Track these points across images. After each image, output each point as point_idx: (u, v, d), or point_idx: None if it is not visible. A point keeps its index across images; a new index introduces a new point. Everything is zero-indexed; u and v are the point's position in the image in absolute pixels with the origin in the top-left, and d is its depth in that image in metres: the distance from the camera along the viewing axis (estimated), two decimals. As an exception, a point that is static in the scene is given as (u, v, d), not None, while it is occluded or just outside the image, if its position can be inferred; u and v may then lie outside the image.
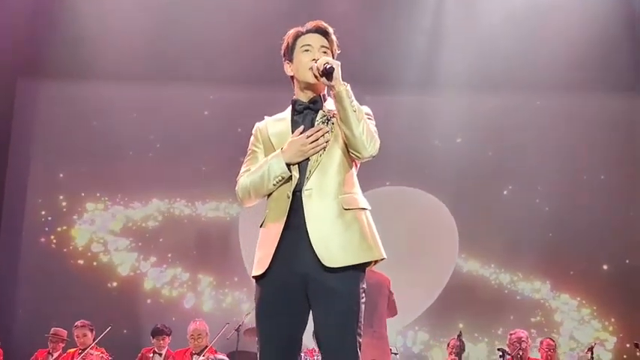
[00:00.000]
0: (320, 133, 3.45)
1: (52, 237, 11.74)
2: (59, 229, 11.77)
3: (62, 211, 11.79)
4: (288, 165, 3.45)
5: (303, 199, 3.41)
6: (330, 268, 3.33)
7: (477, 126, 11.40)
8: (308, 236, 3.36)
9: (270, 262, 3.40)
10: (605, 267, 11.21)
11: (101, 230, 11.78)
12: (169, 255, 11.67)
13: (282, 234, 3.40)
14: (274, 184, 3.48)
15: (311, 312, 3.46)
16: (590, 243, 11.10)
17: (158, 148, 11.67)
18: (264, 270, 3.42)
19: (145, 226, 11.79)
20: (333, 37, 3.66)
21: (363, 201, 3.51)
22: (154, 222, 11.79)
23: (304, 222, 3.38)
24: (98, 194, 11.80)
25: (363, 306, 3.41)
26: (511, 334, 9.30)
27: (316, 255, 3.34)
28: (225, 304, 11.50)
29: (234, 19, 10.90)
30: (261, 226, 3.57)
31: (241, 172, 3.68)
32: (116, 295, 11.43)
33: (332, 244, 3.35)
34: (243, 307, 11.04)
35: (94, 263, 11.67)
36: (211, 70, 11.04)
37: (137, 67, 11.18)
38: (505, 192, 11.51)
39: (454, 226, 11.55)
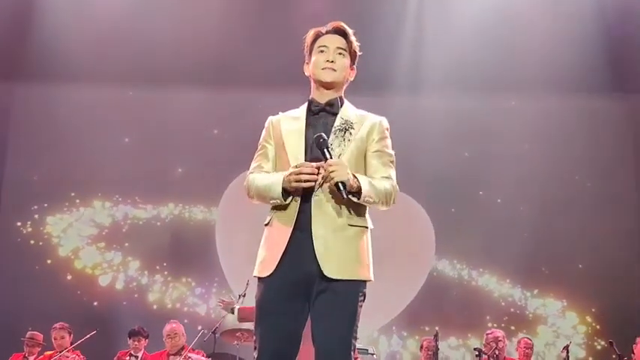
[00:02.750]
0: (304, 177, 3.39)
1: (27, 240, 11.65)
2: (34, 231, 11.70)
3: (37, 214, 11.72)
4: (286, 191, 3.44)
5: (312, 203, 3.44)
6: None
7: (454, 127, 11.44)
8: (312, 239, 3.40)
9: (278, 265, 3.43)
10: (580, 265, 11.27)
11: (77, 232, 11.73)
12: (145, 257, 11.63)
13: (290, 235, 3.43)
14: (272, 203, 3.52)
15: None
16: (566, 242, 11.18)
17: (133, 150, 11.61)
18: (270, 272, 3.44)
19: (121, 228, 11.74)
20: (353, 39, 3.67)
21: (367, 220, 3.56)
22: (131, 224, 11.75)
23: (311, 226, 3.41)
24: (73, 195, 11.74)
25: (360, 310, 3.46)
26: (487, 334, 9.35)
27: (317, 260, 3.38)
28: (202, 306, 11.48)
29: (208, 20, 10.89)
30: (266, 225, 3.58)
31: (252, 166, 3.69)
32: (92, 297, 11.37)
33: (334, 256, 3.39)
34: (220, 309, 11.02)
35: (70, 266, 11.61)
36: (187, 71, 11.02)
37: (111, 69, 11.15)
38: (481, 192, 11.56)
39: (431, 227, 11.60)
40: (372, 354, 8.96)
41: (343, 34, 3.65)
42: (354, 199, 3.41)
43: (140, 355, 9.34)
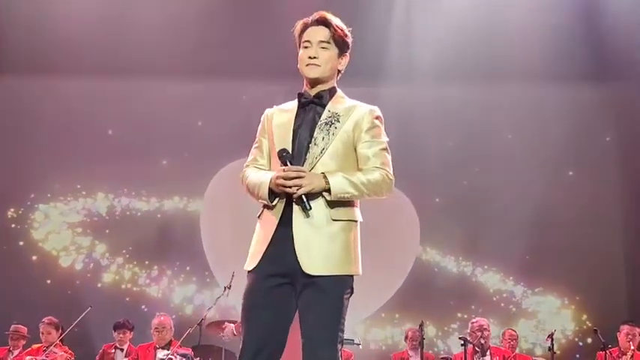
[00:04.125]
0: (287, 182, 3.38)
1: (8, 234, 11.58)
2: (15, 225, 11.63)
3: (19, 207, 11.65)
4: (273, 192, 3.45)
5: (293, 200, 3.43)
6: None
7: (437, 117, 11.44)
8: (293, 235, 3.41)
9: (262, 258, 3.44)
10: (564, 254, 11.28)
11: (58, 226, 11.67)
12: (129, 250, 11.58)
13: (275, 230, 3.44)
14: (260, 202, 3.53)
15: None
16: (550, 230, 11.21)
17: (117, 143, 11.55)
18: (254, 265, 3.46)
19: (103, 222, 11.69)
20: (338, 27, 3.62)
21: (354, 213, 3.54)
22: (113, 217, 11.70)
23: (293, 218, 3.42)
24: (57, 188, 11.68)
25: (347, 303, 3.46)
26: (472, 323, 9.36)
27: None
28: (186, 300, 11.46)
29: (192, 10, 10.86)
30: (258, 217, 3.59)
31: (249, 159, 3.71)
32: (76, 291, 11.30)
33: (314, 252, 3.38)
34: (206, 301, 11.02)
35: (52, 260, 11.55)
36: (170, 63, 10.96)
37: (93, 61, 11.08)
38: (465, 182, 11.57)
39: (415, 217, 11.62)
40: (358, 344, 8.98)
41: (326, 24, 3.61)
42: (328, 197, 3.40)
43: (125, 347, 9.33)
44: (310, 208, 3.37)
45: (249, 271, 3.51)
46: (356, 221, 3.54)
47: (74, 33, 10.95)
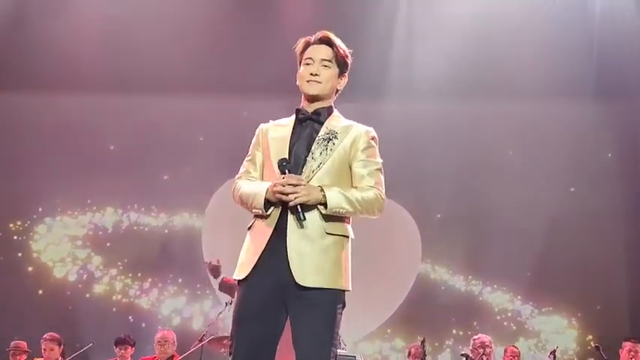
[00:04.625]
0: (287, 189, 3.40)
1: (9, 250, 11.60)
2: (17, 237, 11.66)
3: (19, 223, 11.65)
4: (269, 201, 3.47)
5: (289, 210, 3.45)
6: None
7: (438, 133, 11.45)
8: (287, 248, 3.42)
9: (253, 268, 3.45)
10: (565, 270, 11.24)
11: (59, 239, 11.70)
12: (124, 263, 11.62)
13: (268, 240, 3.46)
14: (254, 212, 3.54)
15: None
16: (552, 247, 11.18)
17: (118, 157, 11.57)
18: (244, 275, 3.47)
19: (106, 235, 11.71)
20: (340, 47, 3.68)
21: (347, 229, 3.58)
22: (114, 232, 11.72)
23: (287, 229, 3.45)
24: (57, 203, 11.72)
25: (340, 318, 3.48)
26: (474, 339, 9.33)
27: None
28: (187, 315, 11.46)
29: (193, 27, 10.88)
30: (249, 229, 3.61)
31: (240, 171, 3.74)
32: (65, 301, 11.32)
33: (307, 263, 3.40)
34: (206, 317, 11.03)
35: (47, 270, 11.58)
36: (172, 79, 10.98)
37: (94, 76, 11.10)
38: (467, 198, 11.55)
39: (416, 232, 11.61)
40: (359, 361, 8.94)
41: (329, 43, 3.67)
42: (323, 211, 3.44)
43: (127, 363, 9.33)
44: (304, 219, 3.40)
45: (239, 282, 3.52)
46: (348, 237, 3.57)
47: (75, 49, 10.98)
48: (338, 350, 7.70)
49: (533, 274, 11.29)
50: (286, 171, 3.45)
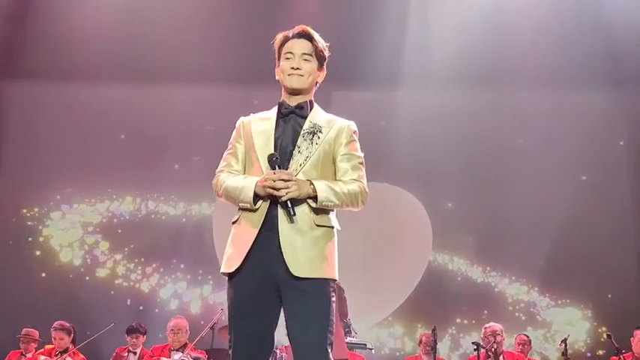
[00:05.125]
0: (278, 184, 3.44)
1: (23, 237, 11.66)
2: (30, 229, 11.70)
3: (33, 211, 11.72)
4: (257, 195, 3.50)
5: (279, 205, 3.49)
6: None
7: (449, 121, 11.44)
8: (279, 238, 3.46)
9: (243, 262, 3.48)
10: (576, 260, 11.22)
11: (72, 230, 11.75)
12: (143, 253, 11.66)
13: (257, 234, 3.48)
14: (242, 206, 3.57)
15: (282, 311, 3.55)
16: (563, 234, 11.16)
17: (129, 147, 11.61)
18: (233, 269, 3.50)
19: (117, 225, 11.75)
20: (318, 42, 3.73)
21: (334, 220, 3.63)
22: (127, 220, 11.76)
23: (278, 225, 3.48)
24: (70, 193, 11.74)
25: (334, 306, 3.51)
26: (485, 328, 9.33)
27: (284, 258, 3.44)
28: (199, 302, 11.51)
29: (204, 19, 10.88)
30: (234, 223, 3.62)
31: (221, 165, 3.75)
32: (89, 294, 11.35)
33: (301, 255, 3.45)
34: (218, 304, 11.05)
35: (53, 254, 11.64)
36: (182, 69, 10.99)
37: (107, 66, 11.15)
38: (478, 187, 11.53)
39: (427, 221, 11.60)
40: (370, 349, 8.95)
41: (309, 38, 3.72)
42: (313, 205, 3.49)
43: (139, 351, 9.36)
44: (295, 214, 3.45)
45: (230, 276, 3.55)
46: (334, 228, 3.62)
47: (88, 40, 11.00)
48: (349, 338, 7.76)
49: (544, 262, 11.28)
50: (276, 166, 3.49)
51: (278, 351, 7.54)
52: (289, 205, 3.44)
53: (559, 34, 11.01)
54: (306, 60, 3.69)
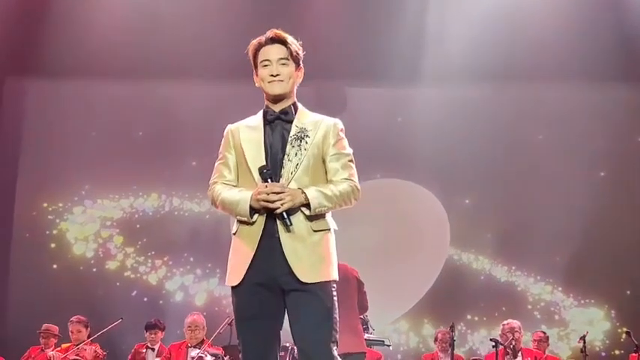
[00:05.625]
0: (271, 197, 3.50)
1: (43, 234, 11.74)
2: (49, 225, 11.77)
3: (52, 208, 11.78)
4: (253, 208, 3.56)
5: (275, 215, 3.55)
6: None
7: (467, 118, 11.40)
8: (281, 246, 3.54)
9: (247, 271, 3.57)
10: (595, 256, 11.17)
11: (90, 224, 11.81)
12: (155, 247, 11.72)
13: (258, 243, 3.57)
14: (239, 219, 3.64)
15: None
16: (580, 231, 11.09)
17: (147, 144, 11.65)
18: (238, 282, 3.59)
19: (135, 222, 11.80)
20: (292, 44, 3.75)
21: (330, 222, 3.69)
22: (149, 216, 11.81)
23: (278, 234, 3.56)
24: (88, 189, 11.80)
25: (336, 305, 3.61)
26: (504, 325, 9.32)
27: (289, 265, 3.53)
28: (205, 295, 11.60)
29: (221, 15, 10.88)
30: (234, 234, 3.70)
31: (213, 176, 3.81)
32: (108, 291, 11.42)
33: (304, 261, 3.54)
34: (223, 297, 11.31)
35: (67, 247, 11.72)
36: (201, 65, 10.99)
37: (125, 63, 11.16)
38: (495, 183, 11.49)
39: (445, 217, 11.58)
40: (388, 345, 8.96)
41: (282, 42, 3.74)
42: (307, 212, 3.55)
43: (157, 347, 9.40)
44: (291, 224, 3.52)
45: (233, 287, 3.64)
46: (331, 229, 3.68)
47: (106, 37, 11.02)
48: (366, 334, 7.76)
49: (564, 260, 11.23)
50: (268, 179, 3.55)
51: (289, 345, 7.56)
52: (285, 217, 3.51)
53: (579, 28, 10.92)
54: (283, 64, 3.71)
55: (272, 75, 3.68)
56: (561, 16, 10.94)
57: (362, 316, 7.53)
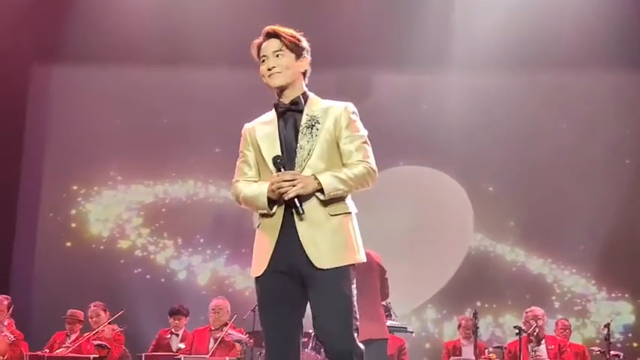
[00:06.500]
0: (284, 184, 3.53)
1: (68, 220, 11.87)
2: (75, 211, 11.89)
3: (78, 194, 11.89)
4: (272, 200, 3.61)
5: (286, 201, 3.59)
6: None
7: (490, 104, 11.36)
8: (299, 237, 3.58)
9: (269, 261, 3.62)
10: (619, 244, 11.10)
11: (116, 213, 11.92)
12: (184, 237, 11.79)
13: (278, 234, 3.62)
14: (261, 212, 3.70)
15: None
16: (603, 220, 11.04)
17: (172, 130, 11.71)
18: (261, 272, 3.64)
19: (159, 209, 11.88)
20: (286, 35, 3.78)
21: (348, 205, 3.70)
22: (169, 204, 11.88)
23: (295, 224, 3.60)
24: (113, 176, 11.90)
25: (355, 292, 3.63)
26: (527, 312, 9.30)
27: (307, 253, 3.57)
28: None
29: (249, 2, 10.89)
30: (257, 227, 3.76)
31: (236, 175, 3.88)
32: (132, 277, 11.52)
33: (321, 247, 3.57)
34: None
35: (110, 246, 11.80)
36: (224, 52, 10.99)
37: (150, 49, 11.21)
38: (519, 171, 11.45)
39: (468, 205, 11.56)
40: (411, 332, 8.98)
41: (275, 35, 3.78)
42: (322, 197, 3.57)
43: (181, 332, 9.48)
44: (303, 212, 3.55)
45: (257, 276, 3.68)
46: (351, 212, 3.69)
47: (132, 24, 11.09)
48: (389, 321, 7.77)
49: (586, 247, 11.19)
50: (281, 167, 3.59)
51: (312, 331, 7.57)
52: (297, 204, 3.54)
53: (604, 15, 10.85)
54: (278, 56, 3.74)
55: (268, 69, 3.73)
56: (587, 4, 10.87)
57: (384, 303, 7.54)
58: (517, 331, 8.84)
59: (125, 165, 11.84)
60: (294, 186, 3.51)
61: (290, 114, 3.74)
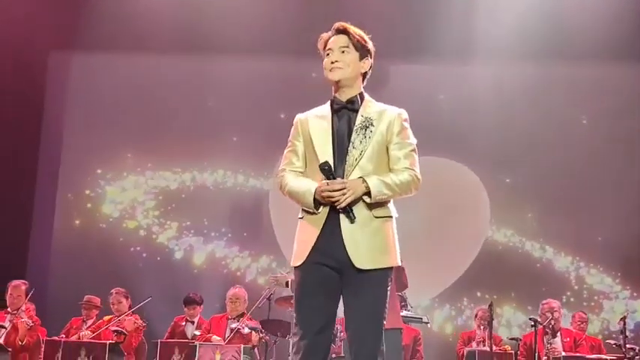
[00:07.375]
0: (334, 194, 3.59)
1: (86, 206, 11.91)
2: (93, 198, 11.94)
3: (95, 181, 11.94)
4: (317, 201, 3.67)
5: (339, 210, 3.65)
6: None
7: (508, 95, 11.31)
8: (341, 232, 3.65)
9: (310, 252, 3.68)
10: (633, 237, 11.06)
11: (134, 200, 11.96)
12: (200, 225, 11.81)
13: (322, 229, 3.67)
14: (305, 209, 3.75)
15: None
16: (622, 214, 10.98)
17: (189, 119, 11.73)
18: (300, 263, 3.71)
19: (176, 197, 11.90)
20: (355, 33, 3.82)
21: (392, 209, 3.79)
22: (186, 192, 11.91)
23: (339, 221, 3.66)
24: (130, 164, 11.96)
25: (388, 293, 3.71)
26: (543, 304, 9.28)
27: (347, 251, 3.63)
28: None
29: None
30: (300, 218, 3.80)
31: (282, 164, 3.91)
32: (149, 264, 11.57)
33: (362, 247, 3.64)
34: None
35: (127, 232, 11.85)
36: (244, 41, 10.99)
37: (168, 38, 11.20)
38: (537, 164, 11.40)
39: (486, 197, 11.54)
40: (427, 322, 8.98)
41: (345, 32, 3.82)
42: (368, 200, 3.64)
43: (196, 320, 9.53)
44: (355, 218, 3.62)
45: (297, 266, 3.75)
46: (392, 217, 3.78)
47: (150, 10, 11.10)
48: (405, 312, 7.78)
49: (604, 239, 11.14)
50: (329, 175, 3.64)
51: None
52: (348, 210, 3.61)
53: (627, 8, 10.78)
54: (343, 52, 3.78)
55: (331, 62, 3.77)
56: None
57: (400, 294, 7.54)
58: (532, 323, 8.83)
59: (142, 155, 11.92)
60: (344, 194, 3.57)
61: (345, 112, 3.80)
